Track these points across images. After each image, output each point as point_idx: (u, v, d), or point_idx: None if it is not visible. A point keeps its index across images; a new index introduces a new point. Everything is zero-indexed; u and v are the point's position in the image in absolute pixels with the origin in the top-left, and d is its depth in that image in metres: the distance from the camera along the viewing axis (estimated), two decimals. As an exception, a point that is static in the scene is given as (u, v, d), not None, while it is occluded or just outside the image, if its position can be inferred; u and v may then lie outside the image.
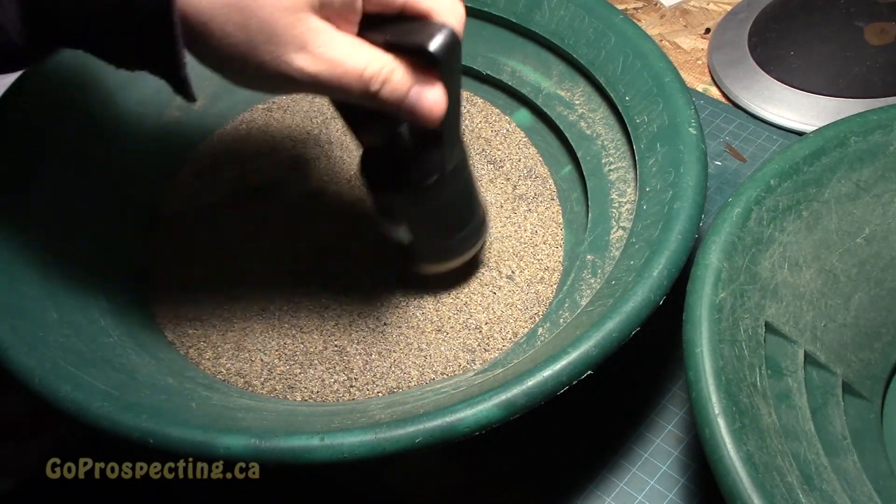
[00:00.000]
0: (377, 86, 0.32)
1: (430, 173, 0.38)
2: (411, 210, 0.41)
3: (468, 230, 0.43)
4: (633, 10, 0.66)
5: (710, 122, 0.57)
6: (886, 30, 0.56)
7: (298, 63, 0.31)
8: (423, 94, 0.33)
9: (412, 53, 0.33)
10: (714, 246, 0.36)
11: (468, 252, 0.44)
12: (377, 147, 0.39)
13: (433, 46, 0.32)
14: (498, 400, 0.33)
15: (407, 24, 0.33)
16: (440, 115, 0.34)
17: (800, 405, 0.35)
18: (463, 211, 0.42)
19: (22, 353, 0.36)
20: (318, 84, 0.31)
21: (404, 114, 0.33)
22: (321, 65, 0.31)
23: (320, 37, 0.31)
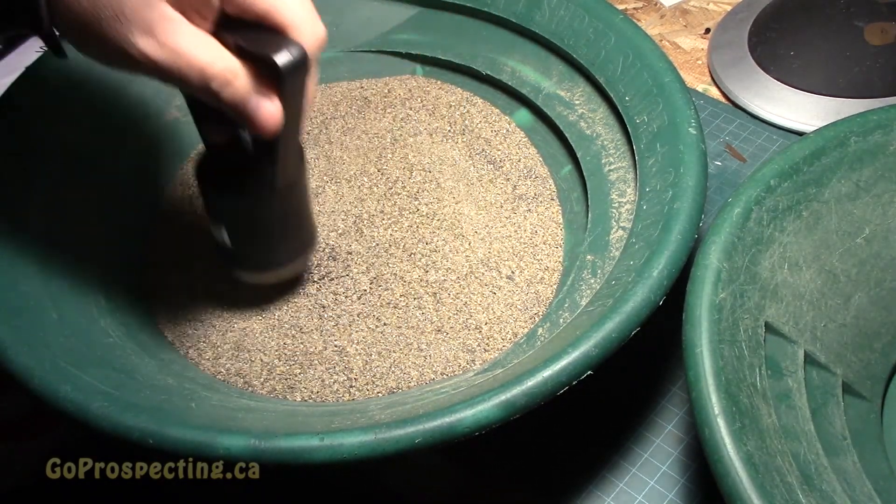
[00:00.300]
0: (218, 86, 0.32)
1: (259, 185, 0.38)
2: (234, 215, 0.41)
3: (288, 248, 0.43)
4: (633, 10, 0.66)
5: (710, 122, 0.57)
6: (886, 30, 0.56)
7: (142, 45, 0.31)
8: (261, 105, 0.33)
9: (259, 63, 0.33)
10: (714, 246, 0.36)
11: (282, 271, 0.44)
12: (218, 147, 0.39)
13: (279, 60, 0.32)
14: (498, 400, 0.33)
15: (262, 34, 0.33)
16: (273, 128, 0.34)
17: (800, 405, 0.35)
18: (286, 231, 0.42)
19: (22, 353, 0.36)
20: (160, 70, 0.32)
21: (241, 119, 0.33)
22: (165, 52, 0.31)
23: (169, 24, 0.31)
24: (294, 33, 0.33)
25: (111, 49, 0.31)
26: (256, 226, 0.41)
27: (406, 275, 0.46)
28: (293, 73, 0.33)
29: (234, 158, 0.38)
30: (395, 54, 0.56)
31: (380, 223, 0.48)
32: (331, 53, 0.56)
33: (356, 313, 0.44)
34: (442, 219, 0.48)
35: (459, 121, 0.54)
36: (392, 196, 0.50)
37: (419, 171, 0.51)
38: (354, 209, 0.49)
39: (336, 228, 0.48)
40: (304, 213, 0.43)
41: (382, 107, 0.55)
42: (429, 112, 0.54)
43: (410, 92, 0.55)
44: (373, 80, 0.56)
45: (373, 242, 0.47)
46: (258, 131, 0.34)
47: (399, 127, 0.54)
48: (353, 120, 0.54)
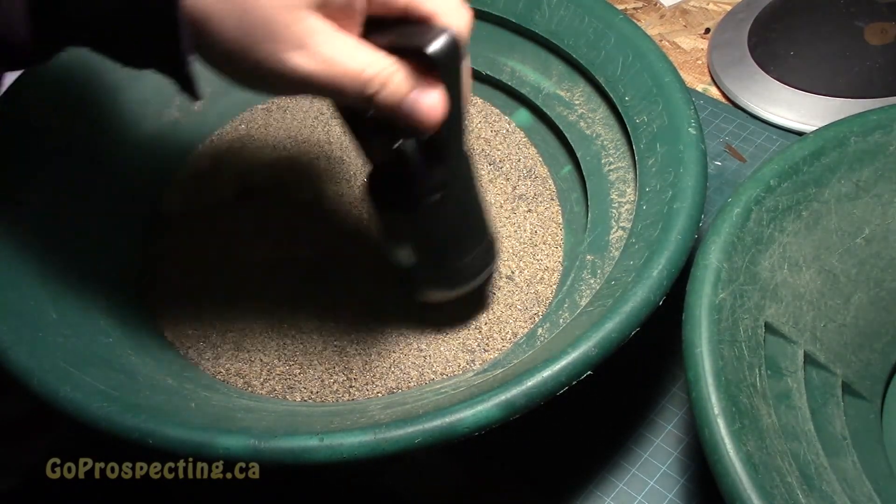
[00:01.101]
0: (375, 87, 0.31)
1: (434, 190, 0.37)
2: (415, 229, 0.39)
3: (475, 254, 0.41)
4: (633, 10, 0.66)
5: (710, 122, 0.57)
6: (886, 30, 0.56)
7: (296, 61, 0.30)
8: (422, 97, 0.32)
9: (412, 56, 0.32)
10: (714, 246, 0.36)
11: (475, 279, 0.42)
12: (383, 164, 0.38)
13: (431, 48, 0.31)
14: (497, 400, 0.33)
15: (410, 27, 0.32)
16: (438, 118, 0.33)
17: (799, 405, 0.35)
18: (469, 232, 0.41)
19: (22, 354, 0.36)
20: (316, 83, 0.31)
21: (402, 118, 0.32)
22: (319, 64, 0.30)
23: (319, 36, 0.30)
24: (441, 20, 0.32)
25: (268, 71, 0.30)
26: (441, 234, 0.39)
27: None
28: (447, 58, 0.32)
29: (401, 172, 0.37)
30: (395, 54, 0.56)
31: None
32: (331, 53, 0.56)
33: (356, 313, 0.44)
34: (442, 219, 0.48)
35: (459, 121, 0.53)
36: (392, 196, 0.50)
37: (419, 171, 0.51)
38: (355, 209, 0.49)
39: (336, 228, 0.48)
40: (481, 212, 0.41)
41: (382, 107, 0.55)
42: (429, 112, 0.54)
43: (410, 92, 0.55)
44: (373, 80, 0.56)
45: (373, 242, 0.47)
46: (423, 125, 0.33)
47: (399, 127, 0.54)
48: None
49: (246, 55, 0.30)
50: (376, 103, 0.32)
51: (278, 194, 0.50)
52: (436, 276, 0.41)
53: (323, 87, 0.31)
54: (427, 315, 0.44)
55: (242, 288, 0.46)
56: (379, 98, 0.32)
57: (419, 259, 0.40)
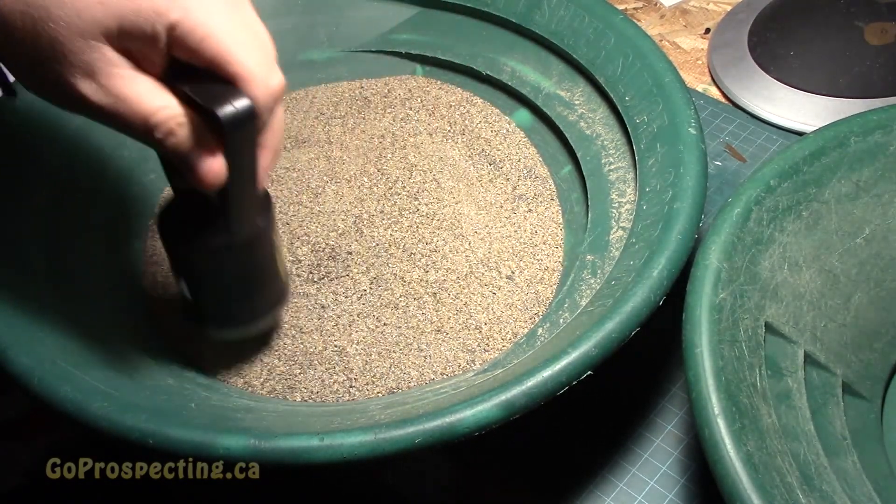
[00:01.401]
0: (161, 134, 0.31)
1: (218, 238, 0.36)
2: (190, 267, 0.39)
3: (253, 308, 0.41)
4: (633, 10, 0.66)
5: (710, 122, 0.57)
6: (886, 30, 0.56)
7: (82, 89, 0.30)
8: (203, 159, 0.32)
9: (204, 114, 0.31)
10: (714, 246, 0.36)
11: (247, 329, 0.41)
12: (183, 194, 0.37)
13: (222, 114, 0.30)
14: (497, 400, 0.33)
15: (211, 84, 0.31)
16: (214, 182, 0.32)
17: (800, 405, 0.35)
18: (249, 288, 0.40)
19: (22, 353, 0.36)
20: (103, 115, 0.30)
21: (183, 169, 0.32)
22: (107, 98, 0.30)
23: (112, 69, 0.30)
24: (244, 85, 0.31)
25: (53, 91, 0.30)
26: (216, 280, 0.39)
27: (406, 275, 0.46)
28: (237, 128, 0.31)
29: (198, 207, 0.36)
30: (395, 54, 0.56)
31: (380, 223, 0.48)
32: (331, 53, 0.56)
33: (356, 313, 0.44)
34: (442, 219, 0.48)
35: (459, 121, 0.54)
36: (392, 196, 0.50)
37: (419, 171, 0.51)
38: (354, 209, 0.49)
39: (336, 228, 0.48)
40: (270, 269, 0.40)
41: (382, 107, 0.55)
42: (429, 112, 0.54)
43: (410, 92, 0.55)
44: (373, 80, 0.56)
45: (373, 242, 0.47)
46: (199, 186, 0.32)
47: (399, 127, 0.54)
48: (353, 120, 0.54)
49: (35, 70, 0.30)
50: (163, 148, 0.31)
51: (278, 194, 0.50)
52: (212, 314, 0.41)
53: (110, 120, 0.31)
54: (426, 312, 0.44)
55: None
56: (165, 144, 0.31)
57: (193, 294, 0.39)
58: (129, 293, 0.45)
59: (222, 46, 0.30)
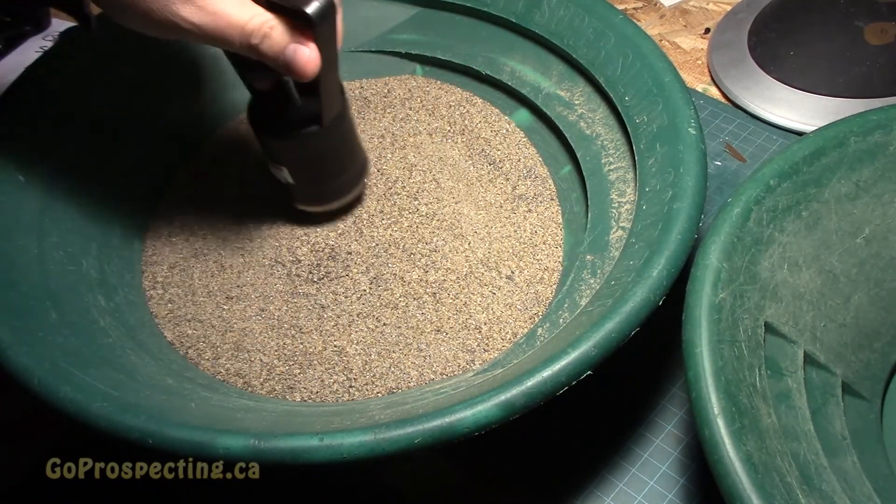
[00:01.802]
0: (257, 40, 0.35)
1: (308, 123, 0.42)
2: (290, 155, 0.44)
3: (345, 178, 0.47)
4: (633, 10, 0.66)
5: (710, 122, 0.57)
6: (886, 30, 0.56)
7: (184, 13, 0.34)
8: (299, 52, 0.36)
9: (292, 14, 0.36)
10: (714, 246, 0.36)
11: (344, 198, 0.48)
12: (264, 93, 0.42)
13: (310, 9, 0.36)
14: (497, 400, 0.33)
15: None
16: (313, 71, 0.37)
17: (799, 405, 0.35)
18: (340, 161, 0.46)
19: (22, 353, 0.36)
20: (203, 33, 0.35)
21: (281, 67, 0.37)
22: (205, 16, 0.34)
23: None
24: None
25: (157, 19, 0.34)
26: (314, 161, 0.45)
27: (406, 275, 0.46)
28: (323, 18, 0.36)
29: (281, 102, 0.42)
30: (394, 54, 0.56)
31: (379, 223, 0.48)
32: (331, 53, 0.56)
33: (356, 313, 0.44)
34: (441, 219, 0.48)
35: (459, 121, 0.54)
36: (392, 196, 0.50)
37: (419, 171, 0.51)
38: (354, 209, 0.49)
39: (336, 228, 0.48)
40: (353, 142, 0.47)
41: (382, 107, 0.55)
42: (428, 112, 0.54)
43: (410, 92, 0.55)
44: (372, 80, 0.56)
45: (372, 242, 0.47)
46: (298, 76, 0.37)
47: (399, 127, 0.54)
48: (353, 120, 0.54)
49: (138, 4, 0.34)
50: (259, 52, 0.36)
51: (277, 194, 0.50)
52: (307, 192, 0.47)
53: (210, 36, 0.35)
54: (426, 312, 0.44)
55: (242, 288, 0.46)
56: (261, 48, 0.36)
57: (293, 178, 0.45)
58: (128, 292, 0.45)
59: None
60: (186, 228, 0.49)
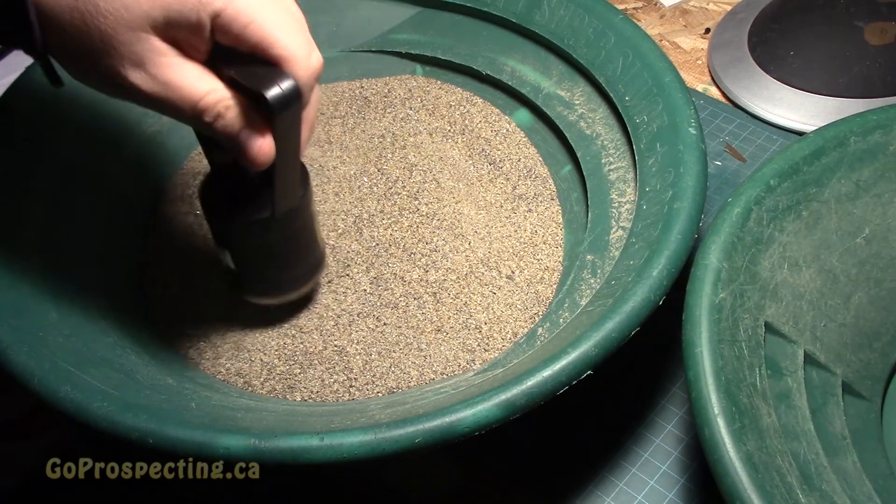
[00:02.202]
0: (210, 119, 0.32)
1: (258, 212, 0.38)
2: (236, 239, 0.40)
3: (296, 272, 0.43)
4: (633, 10, 0.66)
5: (710, 121, 0.57)
6: (886, 30, 0.56)
7: (133, 79, 0.31)
8: (252, 139, 0.33)
9: (250, 96, 0.32)
10: (714, 246, 0.36)
11: (293, 292, 0.44)
12: (221, 167, 0.39)
13: (269, 94, 0.32)
14: (497, 400, 0.33)
15: (255, 66, 0.32)
16: (265, 161, 0.34)
17: (799, 405, 0.35)
18: (291, 252, 0.42)
19: (22, 353, 0.36)
20: (153, 102, 0.32)
21: (233, 150, 0.34)
22: (156, 85, 0.31)
23: (159, 58, 0.31)
24: (288, 66, 0.32)
25: (104, 81, 0.32)
26: (260, 251, 0.41)
27: (406, 275, 0.46)
28: (284, 108, 0.32)
29: (238, 180, 0.38)
30: (395, 54, 0.56)
31: (380, 223, 0.48)
32: (331, 53, 0.56)
33: (356, 313, 0.44)
34: (442, 219, 0.48)
35: (459, 121, 0.54)
36: (392, 196, 0.50)
37: (419, 171, 0.51)
38: (354, 209, 0.49)
39: (336, 228, 0.48)
40: (309, 239, 0.42)
41: (382, 107, 0.55)
42: (429, 112, 0.54)
43: (410, 92, 0.55)
44: (373, 80, 0.56)
45: (373, 242, 0.47)
46: (250, 164, 0.34)
47: (399, 127, 0.54)
48: (353, 120, 0.54)
49: (86, 63, 0.31)
50: (211, 130, 0.33)
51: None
52: (253, 283, 0.43)
53: (159, 106, 0.32)
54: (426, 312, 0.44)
55: (242, 288, 0.46)
56: (214, 127, 0.33)
57: (237, 265, 0.41)
58: (128, 292, 0.45)
59: (265, 31, 0.32)
60: (186, 228, 0.49)
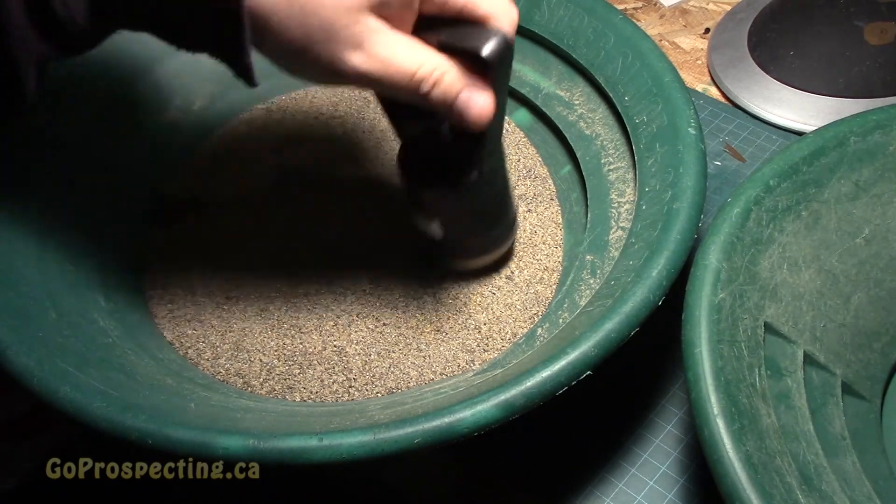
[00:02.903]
0: (428, 87, 0.33)
1: (469, 172, 0.38)
2: (446, 206, 0.41)
3: (500, 229, 0.43)
4: (633, 10, 0.66)
5: (710, 122, 0.57)
6: (886, 30, 0.56)
7: (353, 61, 0.32)
8: (473, 99, 0.34)
9: (465, 57, 0.33)
10: (713, 246, 0.36)
11: (498, 250, 0.44)
12: (415, 142, 0.39)
13: (486, 52, 0.32)
14: (497, 400, 0.33)
15: (462, 27, 0.34)
16: (487, 120, 0.34)
17: (799, 405, 0.35)
18: (496, 210, 0.43)
19: (21, 354, 0.36)
20: (371, 81, 0.33)
21: (452, 116, 0.34)
22: (375, 63, 0.32)
23: (376, 36, 0.32)
24: (495, 22, 0.33)
25: (325, 68, 0.32)
26: (470, 211, 0.41)
27: (406, 275, 0.46)
28: (499, 61, 0.33)
29: (437, 150, 0.39)
30: (394, 54, 0.56)
31: (379, 223, 0.48)
32: (331, 53, 0.56)
33: (355, 313, 0.44)
34: (441, 219, 0.48)
35: (459, 121, 0.54)
36: (392, 196, 0.50)
37: (419, 171, 0.51)
38: (358, 213, 0.49)
39: (336, 228, 0.48)
40: (508, 195, 0.43)
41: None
42: (428, 112, 0.54)
43: (410, 92, 0.55)
44: (372, 80, 0.56)
45: (372, 242, 0.47)
46: (471, 126, 0.34)
47: (399, 127, 0.54)
48: (353, 120, 0.54)
49: (305, 53, 0.31)
50: (429, 100, 0.33)
51: (278, 194, 0.50)
52: (461, 246, 0.43)
53: (378, 83, 0.33)
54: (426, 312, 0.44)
55: (242, 288, 0.46)
56: (431, 96, 0.33)
57: (448, 232, 0.41)
58: (128, 292, 0.45)
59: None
60: (186, 229, 0.49)
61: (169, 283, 0.47)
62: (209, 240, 0.49)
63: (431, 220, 0.41)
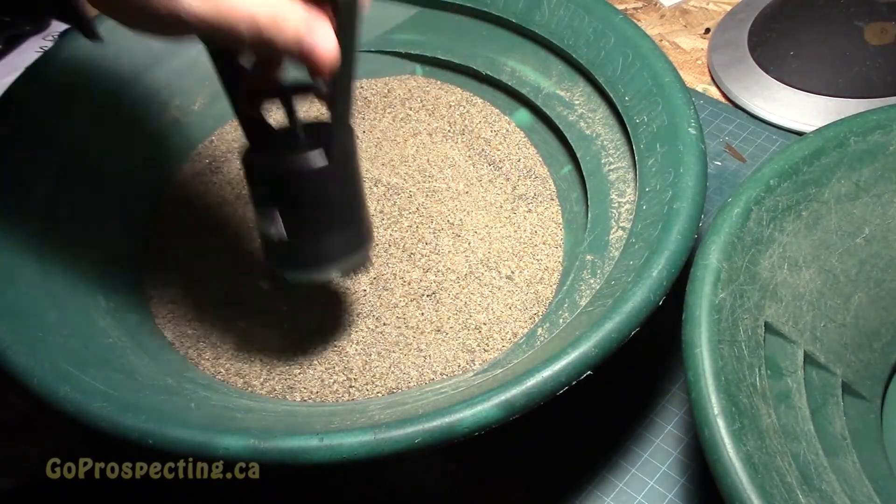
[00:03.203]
0: (269, 33, 0.31)
1: (314, 157, 0.36)
2: (289, 196, 0.37)
3: (352, 231, 0.39)
4: (633, 10, 0.66)
5: (710, 122, 0.57)
6: (886, 30, 0.56)
7: (189, 4, 0.30)
8: (317, 41, 0.32)
9: None
10: (714, 246, 0.36)
11: (338, 265, 0.39)
12: (258, 121, 0.37)
13: None
14: (497, 400, 0.33)
15: None
16: (332, 64, 0.33)
17: (799, 405, 0.35)
18: (345, 208, 0.38)
19: (21, 354, 0.36)
20: (209, 27, 0.31)
21: (302, 56, 0.32)
22: (211, 6, 0.30)
23: None
24: None
25: (160, 15, 0.30)
26: (312, 205, 0.37)
27: (406, 275, 0.46)
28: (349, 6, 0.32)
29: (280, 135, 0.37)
30: (394, 54, 0.56)
31: (379, 223, 0.48)
32: (331, 53, 0.56)
33: (356, 313, 0.44)
34: (441, 219, 0.48)
35: (459, 121, 0.54)
36: (391, 196, 0.50)
37: (419, 171, 0.51)
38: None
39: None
40: (359, 197, 0.39)
41: (382, 107, 0.55)
42: (429, 112, 0.54)
43: (410, 92, 0.55)
44: (373, 80, 0.56)
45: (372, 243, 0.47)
46: (317, 68, 0.33)
47: (399, 127, 0.54)
48: (353, 120, 0.54)
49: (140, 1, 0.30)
50: (273, 45, 0.31)
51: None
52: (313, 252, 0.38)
53: (215, 27, 0.31)
54: (426, 312, 0.44)
55: (242, 288, 0.46)
56: (275, 41, 0.31)
57: (288, 228, 0.37)
58: (128, 292, 0.45)
59: None
60: (186, 228, 0.49)
61: (169, 283, 0.47)
62: (210, 239, 0.49)
63: (272, 218, 0.37)
